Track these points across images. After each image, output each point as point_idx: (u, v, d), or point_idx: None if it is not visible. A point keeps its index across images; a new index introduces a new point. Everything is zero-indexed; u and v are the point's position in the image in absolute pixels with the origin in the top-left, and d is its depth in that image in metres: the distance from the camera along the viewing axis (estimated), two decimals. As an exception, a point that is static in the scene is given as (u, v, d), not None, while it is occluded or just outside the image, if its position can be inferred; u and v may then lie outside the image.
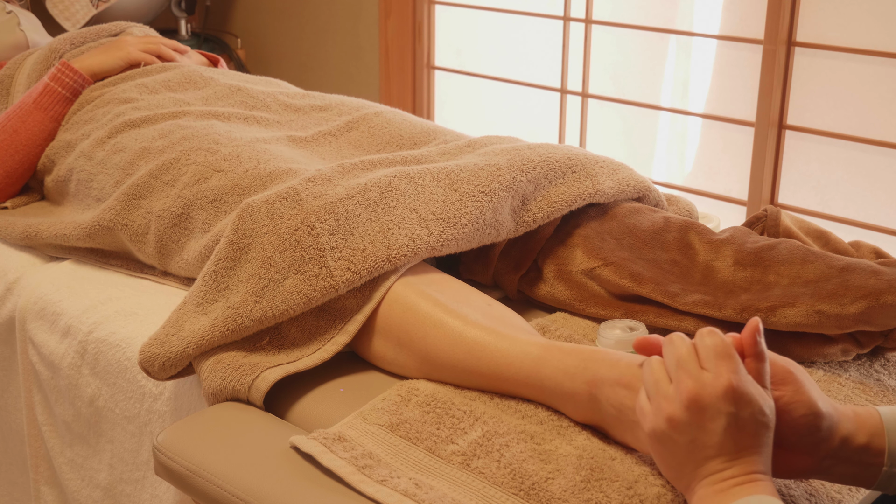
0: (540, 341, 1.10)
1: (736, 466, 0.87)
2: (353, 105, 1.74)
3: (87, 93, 1.78)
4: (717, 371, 0.87)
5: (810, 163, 2.44)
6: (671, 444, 0.89)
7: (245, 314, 1.18)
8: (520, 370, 1.08)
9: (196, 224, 1.40)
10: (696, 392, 0.87)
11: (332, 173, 1.30)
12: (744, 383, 0.87)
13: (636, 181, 1.45)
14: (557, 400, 1.07)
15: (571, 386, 1.04)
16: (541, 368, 1.07)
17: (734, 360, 0.88)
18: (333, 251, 1.18)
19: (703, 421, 0.87)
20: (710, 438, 0.87)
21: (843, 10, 2.30)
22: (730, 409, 0.86)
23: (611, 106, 2.81)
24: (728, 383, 0.86)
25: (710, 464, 0.87)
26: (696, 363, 0.89)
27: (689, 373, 0.88)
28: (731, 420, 0.86)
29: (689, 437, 0.88)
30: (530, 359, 1.08)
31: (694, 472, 0.88)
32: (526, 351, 1.09)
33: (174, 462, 1.09)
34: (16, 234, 1.62)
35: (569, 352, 1.06)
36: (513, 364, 1.09)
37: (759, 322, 0.92)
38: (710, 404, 0.86)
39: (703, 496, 0.87)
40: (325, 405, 1.16)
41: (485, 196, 1.29)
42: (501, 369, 1.09)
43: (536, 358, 1.08)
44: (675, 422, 0.88)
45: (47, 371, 1.48)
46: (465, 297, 1.20)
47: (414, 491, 0.96)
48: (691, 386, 0.87)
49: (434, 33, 3.14)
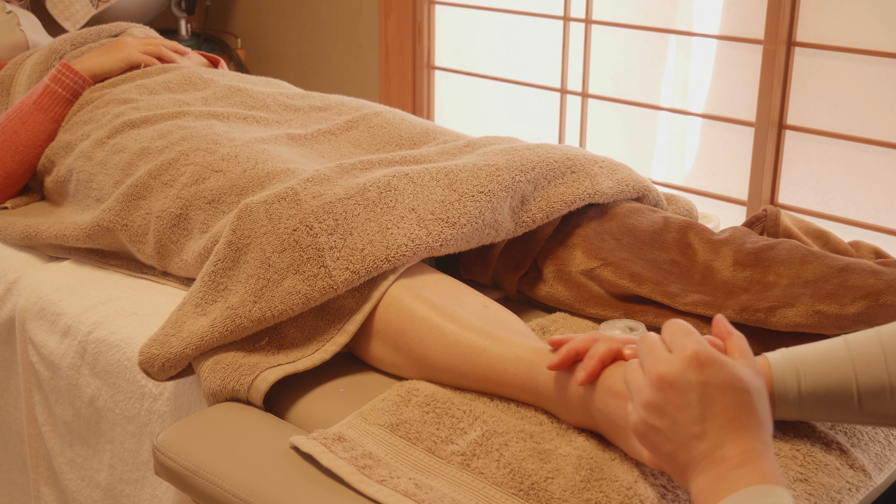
0: (534, 346, 1.10)
1: (728, 445, 0.84)
2: (352, 105, 1.74)
3: (87, 94, 1.78)
4: (681, 346, 0.87)
5: (810, 163, 2.44)
6: (656, 434, 0.87)
7: (244, 314, 1.18)
8: (515, 376, 1.08)
9: (195, 224, 1.40)
10: (662, 370, 0.86)
11: (331, 173, 1.30)
12: (707, 350, 0.86)
13: (635, 181, 1.45)
14: (552, 404, 1.07)
15: (564, 392, 1.05)
16: (535, 374, 1.07)
17: (695, 334, 0.88)
18: (332, 251, 1.18)
19: (677, 397, 0.85)
20: (688, 414, 0.85)
21: (843, 10, 2.30)
22: (698, 377, 0.85)
23: (611, 106, 2.81)
24: (691, 352, 0.86)
25: (699, 445, 0.85)
26: (664, 349, 0.89)
27: (655, 357, 0.88)
28: (703, 388, 0.85)
29: (669, 419, 0.86)
30: (524, 364, 1.08)
31: (687, 458, 0.86)
32: (520, 356, 1.09)
33: (174, 462, 1.09)
34: (16, 234, 1.62)
35: None
36: (508, 370, 1.09)
37: (721, 316, 0.94)
38: (677, 377, 0.85)
39: (701, 486, 0.84)
40: (325, 405, 1.16)
41: (484, 196, 1.29)
42: (497, 374, 1.10)
43: (530, 363, 1.08)
44: (651, 406, 0.87)
45: (47, 371, 1.48)
46: (461, 300, 1.20)
47: (414, 491, 0.96)
48: (657, 366, 0.87)
49: (434, 33, 3.14)
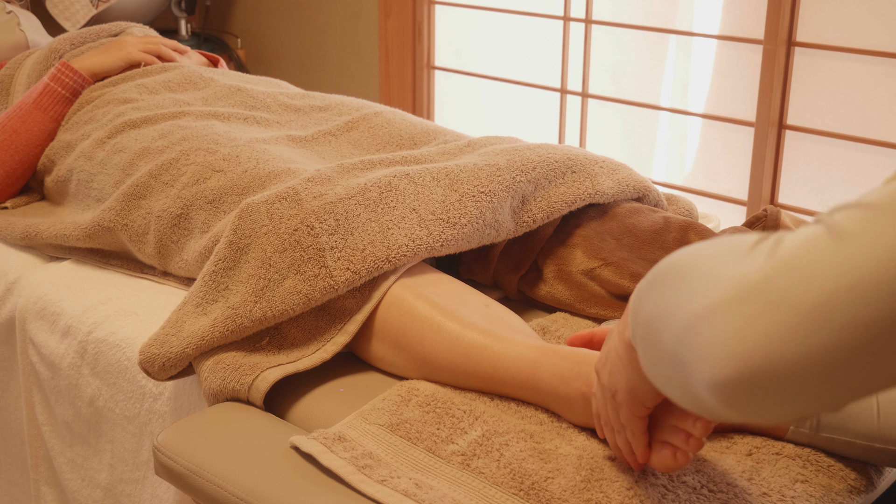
0: (536, 344, 1.10)
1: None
2: (352, 105, 1.73)
3: (87, 93, 1.78)
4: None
5: (810, 163, 2.44)
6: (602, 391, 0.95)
7: (245, 314, 1.18)
8: (517, 374, 1.08)
9: (195, 224, 1.40)
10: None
11: (332, 173, 1.30)
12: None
13: (636, 181, 1.45)
14: (554, 403, 1.07)
15: (566, 390, 1.05)
16: (537, 372, 1.07)
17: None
18: (333, 251, 1.18)
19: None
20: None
21: (843, 10, 2.30)
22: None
23: (611, 106, 2.81)
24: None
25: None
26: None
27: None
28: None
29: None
30: (526, 362, 1.08)
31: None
32: (522, 354, 1.09)
33: (174, 462, 1.09)
34: (16, 234, 1.62)
35: (564, 356, 1.06)
36: (510, 368, 1.09)
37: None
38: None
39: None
40: (325, 405, 1.16)
41: (484, 196, 1.29)
42: (498, 372, 1.10)
43: (532, 361, 1.08)
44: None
45: (47, 371, 1.48)
46: (463, 299, 1.20)
47: (414, 491, 0.96)
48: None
49: (434, 33, 3.14)
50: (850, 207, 0.62)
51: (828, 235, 0.61)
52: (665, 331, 0.69)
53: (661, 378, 0.74)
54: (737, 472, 1.01)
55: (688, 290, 0.67)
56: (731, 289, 0.63)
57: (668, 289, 0.70)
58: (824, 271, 0.60)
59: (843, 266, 0.59)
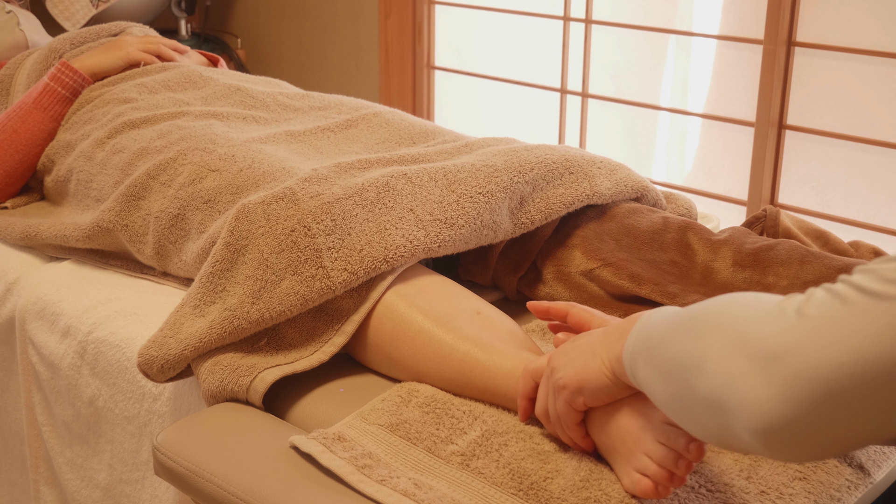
0: (525, 357, 1.09)
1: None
2: (352, 105, 1.73)
3: (87, 93, 1.78)
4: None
5: (810, 163, 2.44)
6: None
7: (242, 316, 1.18)
8: (507, 388, 1.08)
9: (192, 225, 1.40)
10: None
11: (329, 173, 1.30)
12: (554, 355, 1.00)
13: (634, 181, 1.45)
14: None
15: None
16: None
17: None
18: (330, 252, 1.18)
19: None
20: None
21: (843, 10, 2.30)
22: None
23: (611, 106, 2.81)
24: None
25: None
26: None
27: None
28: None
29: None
30: (515, 378, 1.07)
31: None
32: (511, 370, 1.08)
33: (174, 462, 1.09)
34: (16, 234, 1.62)
35: None
36: (500, 384, 1.09)
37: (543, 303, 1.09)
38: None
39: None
40: (325, 405, 1.16)
41: (482, 197, 1.28)
42: (490, 385, 1.09)
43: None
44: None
45: (47, 371, 1.48)
46: (456, 305, 1.19)
47: (413, 491, 0.96)
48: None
49: (434, 33, 3.14)
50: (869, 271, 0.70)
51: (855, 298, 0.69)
52: (699, 378, 0.76)
53: (688, 417, 0.80)
54: (735, 471, 1.01)
55: (722, 341, 0.75)
56: (767, 348, 0.71)
57: (702, 339, 0.77)
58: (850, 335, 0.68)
59: (865, 331, 0.67)
